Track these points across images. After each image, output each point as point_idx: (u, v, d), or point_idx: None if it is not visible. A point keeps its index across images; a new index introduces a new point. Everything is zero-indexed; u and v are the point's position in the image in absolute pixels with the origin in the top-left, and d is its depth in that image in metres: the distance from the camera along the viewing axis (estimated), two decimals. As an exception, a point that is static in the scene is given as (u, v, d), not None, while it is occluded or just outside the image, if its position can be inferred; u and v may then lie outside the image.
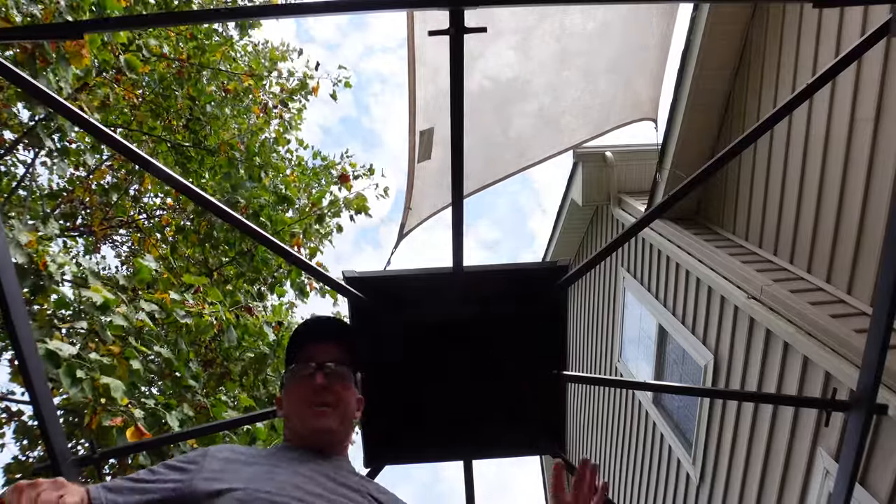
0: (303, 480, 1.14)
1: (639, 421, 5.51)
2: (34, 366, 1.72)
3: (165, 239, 7.04)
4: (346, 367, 1.37)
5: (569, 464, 2.42)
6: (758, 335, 3.53)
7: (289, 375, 1.36)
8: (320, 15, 1.60)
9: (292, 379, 1.35)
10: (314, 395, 1.29)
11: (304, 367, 1.33)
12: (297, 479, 1.13)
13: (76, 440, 4.62)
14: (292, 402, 1.33)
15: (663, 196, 4.59)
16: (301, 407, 1.30)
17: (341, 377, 1.34)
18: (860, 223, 3.02)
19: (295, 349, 1.39)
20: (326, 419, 1.28)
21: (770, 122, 1.95)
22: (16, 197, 6.30)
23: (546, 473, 8.94)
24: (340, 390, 1.33)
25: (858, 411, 1.92)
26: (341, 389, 1.33)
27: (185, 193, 1.96)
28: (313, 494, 1.11)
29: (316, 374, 1.31)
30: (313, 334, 1.41)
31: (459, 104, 1.73)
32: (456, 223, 1.99)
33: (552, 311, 2.35)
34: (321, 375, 1.31)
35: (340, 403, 1.32)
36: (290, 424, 1.33)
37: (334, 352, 1.37)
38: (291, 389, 1.34)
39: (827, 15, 3.23)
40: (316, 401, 1.29)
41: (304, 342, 1.39)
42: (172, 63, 6.47)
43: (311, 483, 1.14)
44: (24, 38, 2.76)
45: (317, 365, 1.32)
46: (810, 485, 3.13)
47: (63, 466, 1.76)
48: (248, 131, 6.71)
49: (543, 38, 2.92)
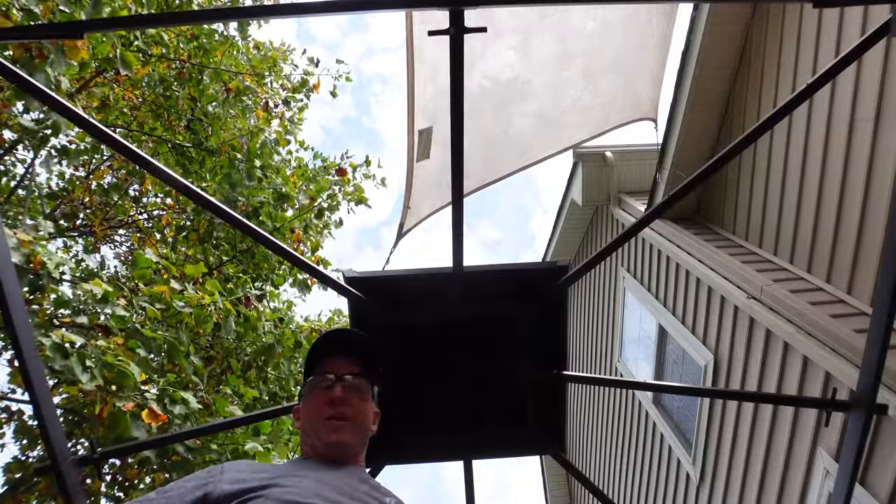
0: (324, 488, 1.15)
1: (639, 421, 5.51)
2: (34, 366, 1.71)
3: (165, 239, 7.04)
4: (365, 379, 1.37)
5: (568, 464, 2.42)
6: (758, 335, 3.53)
7: (307, 388, 1.37)
8: (320, 15, 1.60)
9: (311, 391, 1.35)
10: (331, 407, 1.29)
11: (322, 380, 1.34)
12: (318, 487, 1.14)
13: (76, 440, 4.62)
14: (310, 413, 1.33)
15: (663, 196, 4.59)
16: (318, 419, 1.30)
17: (359, 390, 1.34)
18: (860, 223, 3.02)
19: (315, 361, 1.40)
20: (342, 433, 1.29)
21: (770, 122, 1.95)
22: (16, 196, 6.30)
23: (546, 473, 8.94)
24: (358, 402, 1.33)
25: (858, 411, 1.92)
26: (359, 402, 1.33)
27: (185, 193, 1.96)
28: (333, 501, 1.12)
29: (335, 386, 1.32)
30: (333, 347, 1.41)
31: (459, 104, 1.73)
32: (456, 223, 1.99)
33: (552, 312, 2.35)
34: (339, 388, 1.31)
35: (357, 416, 1.32)
36: (307, 437, 1.34)
37: (353, 365, 1.37)
38: (310, 401, 1.34)
39: (827, 15, 3.23)
40: (333, 413, 1.29)
41: (324, 354, 1.39)
42: (173, 63, 6.47)
43: (332, 491, 1.15)
44: (24, 38, 2.76)
45: (336, 377, 1.33)
46: (810, 485, 3.13)
47: (63, 466, 1.76)
48: (249, 132, 6.71)
49: (543, 37, 2.92)
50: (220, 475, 1.14)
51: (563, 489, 8.98)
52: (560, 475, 8.87)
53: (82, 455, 1.92)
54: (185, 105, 6.54)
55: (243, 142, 6.52)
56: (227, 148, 6.41)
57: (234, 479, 1.13)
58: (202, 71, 6.52)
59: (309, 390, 1.35)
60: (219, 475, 1.14)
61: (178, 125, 6.71)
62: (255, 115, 6.97)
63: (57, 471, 1.76)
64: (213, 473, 1.16)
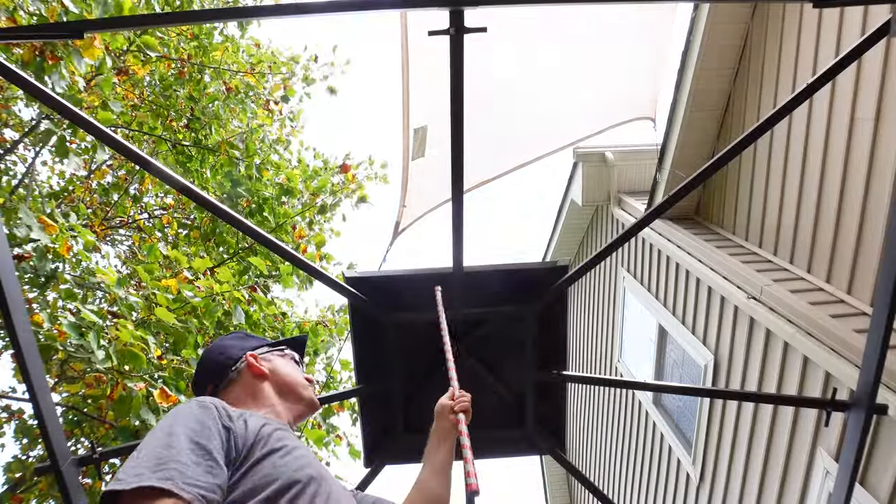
0: (311, 454, 1.17)
1: (639, 421, 5.51)
2: (34, 365, 1.72)
3: (166, 237, 7.04)
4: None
5: (568, 464, 2.42)
6: (758, 335, 3.53)
7: (282, 351, 1.47)
8: (320, 15, 1.60)
9: (284, 356, 1.45)
10: (306, 379, 1.42)
11: (293, 358, 1.48)
12: (307, 451, 1.16)
13: (76, 440, 4.62)
14: (291, 371, 1.40)
15: (663, 196, 4.59)
16: (300, 379, 1.40)
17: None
18: (860, 223, 3.02)
19: (291, 344, 1.54)
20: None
21: (770, 122, 1.95)
22: (17, 196, 6.30)
23: (546, 473, 8.94)
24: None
25: (858, 411, 1.92)
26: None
27: (185, 193, 1.96)
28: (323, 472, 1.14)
29: (303, 369, 1.49)
30: (301, 348, 1.58)
31: (459, 104, 1.73)
32: (456, 223, 1.99)
33: (552, 312, 2.35)
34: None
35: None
36: (284, 389, 1.36)
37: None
38: (286, 363, 1.42)
39: (827, 15, 3.23)
40: (308, 377, 1.43)
41: (296, 346, 1.55)
42: (173, 63, 6.47)
43: (317, 462, 1.16)
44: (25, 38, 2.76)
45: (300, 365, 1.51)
46: (810, 485, 3.13)
47: (63, 466, 1.76)
48: (249, 129, 6.70)
49: (544, 37, 2.92)
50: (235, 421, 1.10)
51: (563, 489, 8.98)
52: (560, 475, 8.87)
53: (82, 455, 1.92)
54: (186, 105, 6.54)
55: (242, 139, 6.52)
56: (227, 146, 6.41)
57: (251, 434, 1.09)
58: (202, 70, 6.52)
59: (282, 354, 1.45)
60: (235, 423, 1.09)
61: (178, 125, 6.71)
62: (255, 114, 6.97)
63: (57, 471, 1.76)
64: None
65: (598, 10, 2.93)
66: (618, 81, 3.54)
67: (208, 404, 1.06)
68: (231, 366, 1.35)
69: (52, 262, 3.73)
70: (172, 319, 3.71)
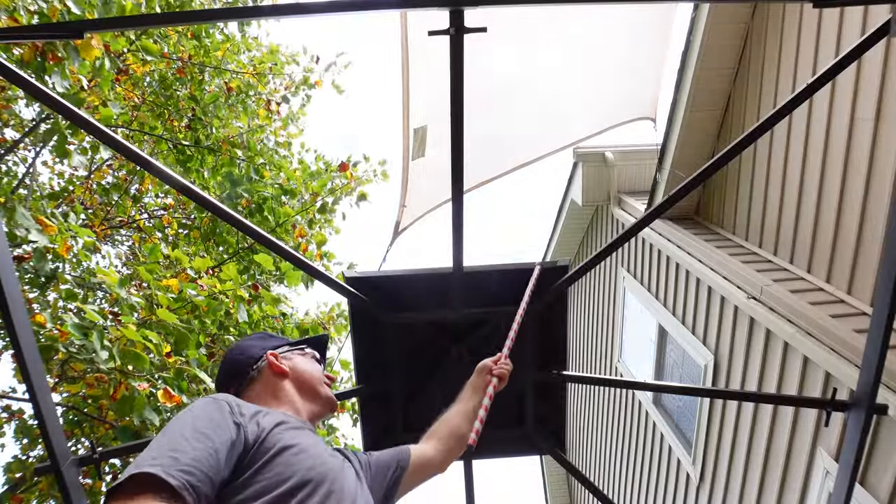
0: (326, 451, 1.18)
1: (639, 421, 5.51)
2: (34, 365, 1.72)
3: (166, 238, 7.04)
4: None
5: (568, 464, 2.42)
6: (758, 335, 3.53)
7: (303, 349, 1.48)
8: (320, 15, 1.60)
9: (305, 354, 1.47)
10: (326, 377, 1.45)
11: (314, 357, 1.50)
12: (321, 449, 1.17)
13: (76, 440, 4.62)
14: (309, 370, 1.41)
15: (663, 196, 4.59)
16: (319, 376, 1.42)
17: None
18: (860, 223, 3.02)
19: (312, 343, 1.55)
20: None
21: (770, 122, 1.95)
22: (17, 196, 6.30)
23: (546, 473, 8.94)
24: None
25: (858, 411, 1.92)
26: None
27: (185, 193, 1.96)
28: (336, 468, 1.15)
29: (323, 369, 1.51)
30: (322, 347, 1.60)
31: (459, 104, 1.73)
32: (456, 223, 1.99)
33: (552, 311, 2.35)
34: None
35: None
36: (304, 387, 1.37)
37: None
38: (307, 361, 1.44)
39: (827, 15, 3.23)
40: (329, 376, 1.46)
41: (318, 346, 1.56)
42: (173, 63, 6.47)
43: (331, 458, 1.18)
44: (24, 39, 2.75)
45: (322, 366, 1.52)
46: (810, 485, 3.13)
47: (63, 466, 1.77)
48: (250, 129, 6.70)
49: (544, 37, 2.92)
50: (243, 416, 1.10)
51: (563, 489, 8.98)
52: (560, 475, 8.87)
53: (82, 455, 1.92)
54: (186, 104, 6.54)
55: (244, 138, 6.52)
56: (227, 146, 6.41)
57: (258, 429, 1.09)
58: (203, 70, 6.52)
59: (303, 353, 1.47)
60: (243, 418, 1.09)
61: (178, 125, 6.71)
62: (256, 114, 6.97)
63: (57, 471, 1.76)
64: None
65: (598, 10, 2.93)
66: (618, 81, 3.54)
67: (220, 400, 1.08)
68: (252, 364, 1.36)
69: (52, 263, 3.74)
70: (174, 319, 3.71)
